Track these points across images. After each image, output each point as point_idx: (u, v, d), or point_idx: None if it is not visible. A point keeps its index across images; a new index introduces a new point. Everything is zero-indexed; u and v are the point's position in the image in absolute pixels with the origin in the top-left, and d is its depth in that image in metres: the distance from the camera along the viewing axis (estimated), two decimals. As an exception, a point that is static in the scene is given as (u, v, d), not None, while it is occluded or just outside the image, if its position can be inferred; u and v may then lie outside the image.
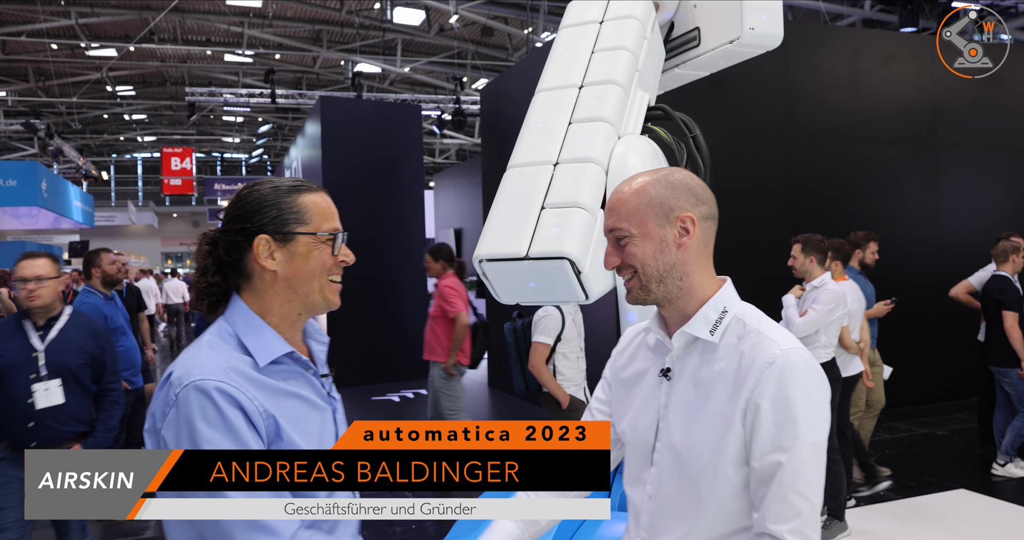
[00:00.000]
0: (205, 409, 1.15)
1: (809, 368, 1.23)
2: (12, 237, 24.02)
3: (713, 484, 1.25)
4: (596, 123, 2.50)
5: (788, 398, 1.20)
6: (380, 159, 9.96)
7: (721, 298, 1.32)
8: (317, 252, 1.29)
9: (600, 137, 2.46)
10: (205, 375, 1.16)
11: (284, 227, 1.27)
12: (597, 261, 2.21)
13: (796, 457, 1.19)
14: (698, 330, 1.30)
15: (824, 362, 4.20)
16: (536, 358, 4.00)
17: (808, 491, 1.19)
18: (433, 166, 29.45)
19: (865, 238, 4.94)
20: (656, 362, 1.39)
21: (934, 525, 4.31)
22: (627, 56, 2.71)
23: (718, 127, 6.55)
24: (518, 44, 18.65)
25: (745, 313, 1.31)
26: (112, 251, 5.01)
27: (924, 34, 10.26)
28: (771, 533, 1.19)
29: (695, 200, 1.32)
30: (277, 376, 1.26)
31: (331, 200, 1.36)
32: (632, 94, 2.67)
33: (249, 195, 1.31)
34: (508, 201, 2.38)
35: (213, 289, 1.30)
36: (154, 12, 16.15)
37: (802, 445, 1.20)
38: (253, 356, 1.24)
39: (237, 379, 1.19)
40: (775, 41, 2.92)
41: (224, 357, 1.21)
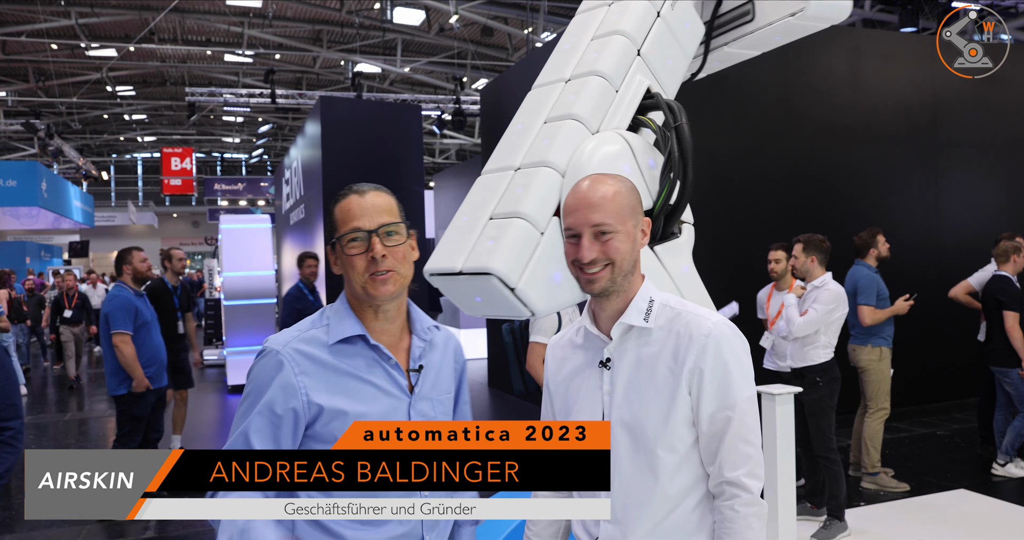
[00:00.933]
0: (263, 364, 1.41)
1: (735, 335, 1.44)
2: (12, 237, 24.03)
3: (670, 446, 1.41)
4: (563, 122, 2.33)
5: (726, 363, 1.40)
6: (380, 159, 9.96)
7: (646, 290, 1.49)
8: (347, 253, 1.43)
9: (562, 137, 2.28)
10: (269, 345, 1.42)
11: (333, 236, 1.46)
12: (542, 274, 2.08)
13: (740, 411, 1.40)
14: (634, 319, 1.45)
15: (824, 362, 4.19)
16: (533, 358, 3.99)
17: (752, 437, 1.41)
18: (433, 166, 29.44)
19: (870, 235, 4.91)
20: (590, 356, 1.51)
21: (934, 525, 4.30)
22: (620, 42, 2.49)
23: (718, 127, 6.55)
24: (518, 44, 18.64)
25: (668, 300, 1.49)
26: (142, 250, 5.07)
27: (924, 34, 10.26)
28: (728, 479, 1.39)
29: (642, 207, 1.52)
30: (347, 356, 1.42)
31: (362, 199, 1.45)
32: (626, 82, 2.45)
33: None
34: (464, 211, 2.27)
35: None
36: (154, 12, 16.14)
37: (742, 400, 1.40)
38: (330, 334, 1.43)
39: (292, 353, 1.40)
40: (843, 12, 2.68)
41: (296, 331, 1.44)
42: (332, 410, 1.36)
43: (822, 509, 4.23)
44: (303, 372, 1.37)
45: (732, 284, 5.75)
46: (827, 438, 4.13)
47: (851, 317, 4.84)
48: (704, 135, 6.53)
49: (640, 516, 1.41)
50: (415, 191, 10.35)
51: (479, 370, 10.47)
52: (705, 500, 1.44)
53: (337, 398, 1.37)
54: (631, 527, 1.41)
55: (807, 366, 4.19)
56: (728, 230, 6.37)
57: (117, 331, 4.65)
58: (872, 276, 4.82)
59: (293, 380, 1.37)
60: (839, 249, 4.72)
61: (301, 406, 1.36)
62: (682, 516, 1.42)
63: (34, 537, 4.74)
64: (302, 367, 1.38)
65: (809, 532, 4.08)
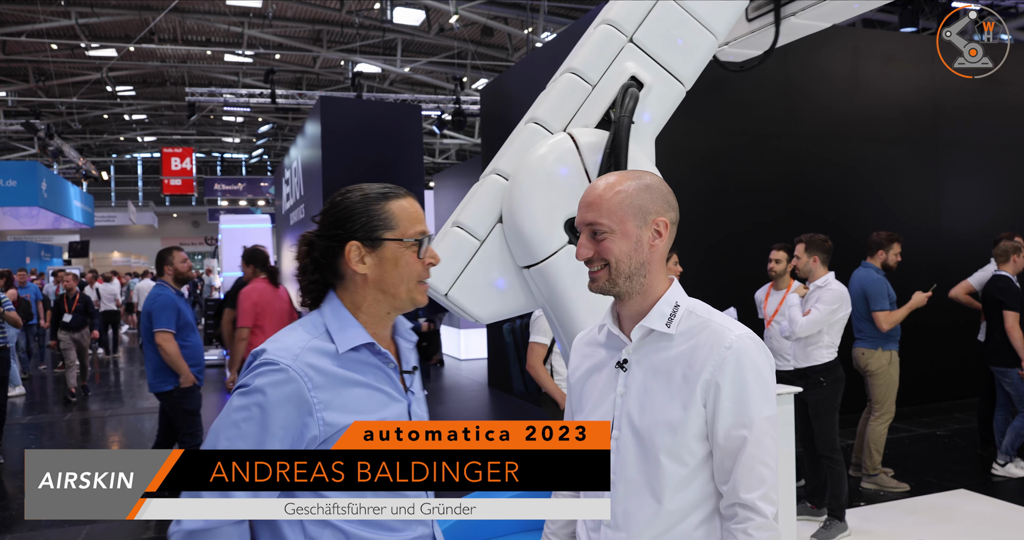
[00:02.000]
0: (263, 376, 1.26)
1: (760, 350, 1.36)
2: (12, 237, 24.02)
3: (679, 458, 1.34)
4: (525, 125, 2.33)
5: (745, 379, 1.32)
6: (380, 159, 9.96)
7: (673, 294, 1.42)
8: (405, 256, 1.37)
9: (517, 143, 2.29)
10: (275, 357, 1.27)
11: (373, 233, 1.36)
12: (480, 281, 2.13)
13: (757, 431, 1.32)
14: (655, 323, 1.39)
15: (827, 362, 4.19)
16: (533, 358, 4.00)
17: (769, 460, 1.32)
18: (433, 166, 29.43)
19: (889, 239, 4.86)
20: (610, 356, 1.47)
21: (934, 525, 4.30)
22: (601, 32, 2.39)
23: (718, 127, 6.55)
24: (518, 44, 18.64)
25: (695, 307, 1.42)
26: (182, 250, 5.08)
27: (924, 34, 10.26)
28: (743, 502, 1.31)
29: (667, 206, 1.42)
30: (354, 366, 1.34)
31: (418, 204, 1.43)
32: (608, 73, 2.35)
33: (341, 202, 1.39)
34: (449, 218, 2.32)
35: (314, 286, 1.40)
36: (154, 12, 16.14)
37: (761, 419, 1.32)
38: (335, 343, 1.33)
39: (303, 366, 1.27)
40: None
41: (302, 341, 1.31)
42: (346, 427, 1.27)
43: (822, 509, 4.23)
44: (316, 387, 1.27)
45: (732, 284, 5.76)
46: (831, 438, 4.13)
47: (857, 321, 4.83)
48: (704, 135, 6.54)
49: (642, 527, 1.36)
50: (415, 191, 10.33)
51: (479, 370, 10.47)
52: (712, 518, 1.37)
53: (352, 415, 1.29)
54: (632, 536, 1.37)
55: (811, 366, 4.19)
56: (728, 230, 6.37)
57: (160, 329, 4.67)
58: (880, 280, 4.78)
59: (308, 397, 1.26)
60: (840, 249, 4.71)
61: (317, 426, 1.27)
62: (684, 533, 1.36)
63: (34, 537, 4.74)
64: (315, 382, 1.27)
65: (809, 532, 4.08)
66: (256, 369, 1.27)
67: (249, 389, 1.25)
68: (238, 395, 1.26)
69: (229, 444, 1.21)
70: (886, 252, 4.84)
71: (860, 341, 4.88)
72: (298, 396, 1.25)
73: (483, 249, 2.18)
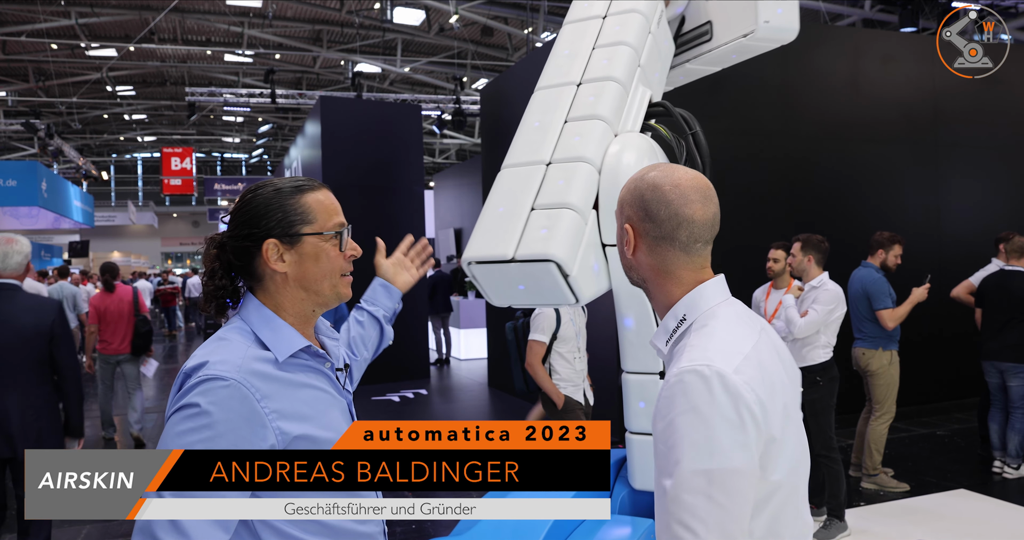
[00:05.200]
0: (210, 394, 1.16)
1: (709, 388, 1.08)
2: (12, 237, 23.99)
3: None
4: (591, 121, 2.45)
5: (674, 421, 1.09)
6: (380, 159, 9.96)
7: (683, 305, 1.24)
8: (326, 250, 1.32)
9: (595, 136, 2.40)
10: (217, 371, 1.17)
11: (291, 229, 1.29)
12: (587, 263, 2.18)
13: (678, 484, 1.06)
14: (658, 340, 1.28)
15: (823, 362, 4.20)
16: (531, 357, 4.01)
17: (693, 522, 1.04)
18: (433, 166, 29.46)
19: (891, 240, 4.85)
20: None
21: (934, 525, 4.31)
22: (627, 52, 2.64)
23: (718, 127, 6.55)
24: (518, 44, 18.65)
25: (706, 321, 1.21)
26: None
27: (924, 34, 10.26)
28: None
29: (643, 214, 1.24)
30: (294, 370, 1.27)
31: (333, 196, 1.37)
32: (633, 90, 2.61)
33: (253, 200, 1.31)
34: (499, 202, 2.34)
35: (220, 292, 1.32)
36: (154, 12, 16.15)
37: (684, 471, 1.06)
38: (272, 351, 1.26)
39: (249, 377, 1.19)
40: (791, 35, 2.87)
41: (240, 352, 1.22)
42: (299, 436, 1.23)
43: (822, 509, 4.23)
44: (265, 397, 1.19)
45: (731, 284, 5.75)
46: (828, 437, 4.13)
47: (857, 321, 4.82)
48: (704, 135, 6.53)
49: None
50: (415, 191, 10.36)
51: (479, 370, 10.47)
52: None
53: (305, 421, 1.24)
54: None
55: (807, 366, 4.20)
56: (727, 230, 6.35)
57: None
58: (880, 279, 4.76)
59: (258, 409, 1.18)
60: (839, 249, 4.72)
61: (273, 435, 1.20)
62: None
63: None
64: (263, 391, 1.19)
65: (809, 532, 4.08)
66: (199, 386, 1.16)
67: (197, 409, 1.14)
68: (184, 417, 1.15)
69: None
70: (886, 252, 4.82)
71: (860, 341, 4.86)
72: (249, 410, 1.17)
73: (587, 233, 2.23)
